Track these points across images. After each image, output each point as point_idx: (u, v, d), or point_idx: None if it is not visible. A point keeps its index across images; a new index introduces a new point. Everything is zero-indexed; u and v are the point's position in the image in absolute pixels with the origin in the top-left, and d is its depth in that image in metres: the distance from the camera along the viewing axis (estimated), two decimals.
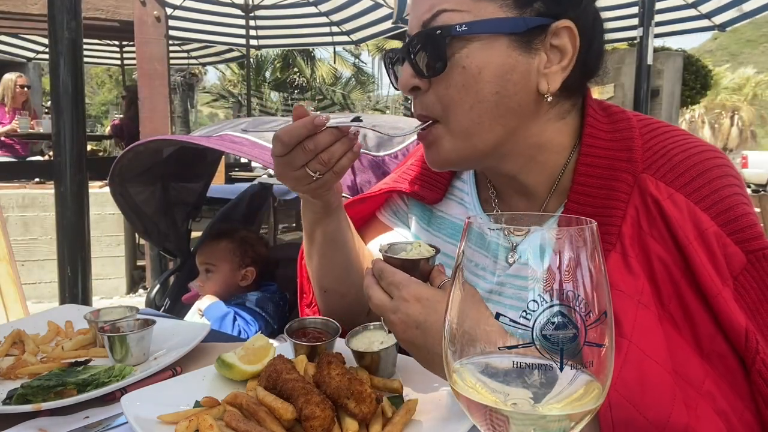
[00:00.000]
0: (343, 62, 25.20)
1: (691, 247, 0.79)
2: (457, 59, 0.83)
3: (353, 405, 0.82)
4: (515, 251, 0.76)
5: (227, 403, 0.86)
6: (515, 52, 0.83)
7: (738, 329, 0.76)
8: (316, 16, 8.30)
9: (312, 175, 0.93)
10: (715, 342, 0.78)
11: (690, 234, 0.79)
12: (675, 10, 6.93)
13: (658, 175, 0.85)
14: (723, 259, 0.79)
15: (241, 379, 0.97)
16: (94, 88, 29.84)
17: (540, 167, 0.94)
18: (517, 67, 0.84)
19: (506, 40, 0.83)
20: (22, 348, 1.19)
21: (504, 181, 1.01)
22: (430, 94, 0.87)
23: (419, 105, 0.88)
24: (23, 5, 5.80)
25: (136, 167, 2.08)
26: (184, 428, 0.77)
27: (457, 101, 0.84)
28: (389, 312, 0.82)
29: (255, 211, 2.70)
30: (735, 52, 55.58)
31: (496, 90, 0.84)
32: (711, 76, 13.71)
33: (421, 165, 1.15)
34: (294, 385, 0.84)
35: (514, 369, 0.49)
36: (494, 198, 1.04)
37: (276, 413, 0.81)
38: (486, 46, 0.83)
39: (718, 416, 0.75)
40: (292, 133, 0.89)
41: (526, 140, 0.91)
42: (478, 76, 0.83)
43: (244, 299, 2.17)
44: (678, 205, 0.82)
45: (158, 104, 5.13)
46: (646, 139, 0.90)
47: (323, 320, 1.10)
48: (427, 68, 0.85)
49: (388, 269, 0.84)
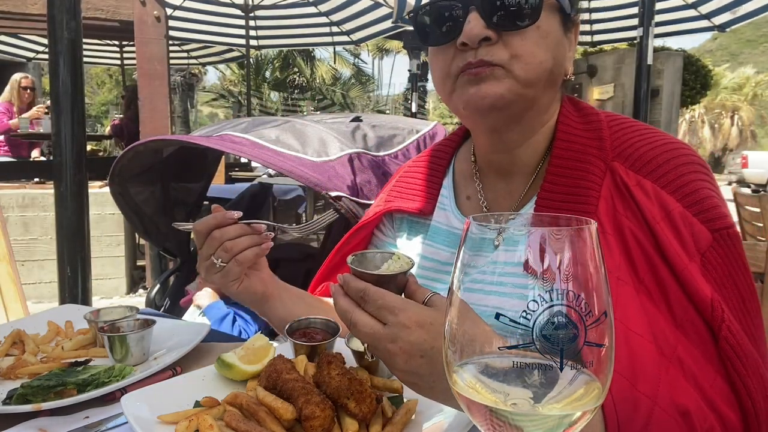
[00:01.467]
0: (342, 62, 25.22)
1: (658, 226, 0.85)
2: (537, 18, 0.90)
3: (353, 405, 0.82)
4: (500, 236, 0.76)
5: (227, 403, 0.86)
6: (561, 30, 0.94)
7: (704, 299, 0.81)
8: (316, 16, 8.30)
9: (215, 262, 1.02)
10: (687, 312, 0.83)
11: (657, 215, 0.86)
12: (675, 11, 6.93)
13: (626, 164, 0.92)
14: (690, 236, 0.85)
15: (241, 379, 0.97)
16: (94, 88, 29.84)
17: (533, 147, 1.01)
18: (562, 42, 0.94)
19: (559, 16, 0.93)
20: (22, 348, 1.19)
21: (493, 160, 1.06)
22: (499, 45, 0.90)
23: (485, 52, 0.90)
24: (23, 5, 5.80)
25: (136, 167, 2.08)
26: (184, 428, 0.77)
27: (530, 54, 0.90)
28: (386, 341, 0.73)
29: (255, 211, 2.70)
30: (735, 52, 55.56)
31: (553, 55, 0.92)
32: (711, 76, 13.71)
33: (409, 182, 1.19)
34: (294, 385, 0.84)
35: (514, 369, 0.49)
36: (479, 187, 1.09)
37: (276, 413, 0.81)
38: (551, 16, 0.92)
39: (686, 381, 0.79)
40: (204, 223, 1.02)
41: (542, 114, 0.99)
42: (547, 38, 0.91)
43: None
44: (645, 189, 0.88)
45: (158, 104, 5.13)
46: (613, 131, 0.97)
47: (323, 320, 1.10)
48: (508, 23, 0.89)
49: (373, 290, 0.75)
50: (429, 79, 21.43)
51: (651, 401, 0.76)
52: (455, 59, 0.92)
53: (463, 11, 0.90)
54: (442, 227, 1.10)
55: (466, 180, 1.13)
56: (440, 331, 0.70)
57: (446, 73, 0.95)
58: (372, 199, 1.68)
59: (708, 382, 0.80)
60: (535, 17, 0.89)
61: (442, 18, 0.93)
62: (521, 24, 0.89)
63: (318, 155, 1.71)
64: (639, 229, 0.86)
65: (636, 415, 0.75)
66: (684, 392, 0.78)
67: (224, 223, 1.02)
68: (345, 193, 1.61)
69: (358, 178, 1.68)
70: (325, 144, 1.75)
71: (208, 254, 1.04)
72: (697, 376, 0.80)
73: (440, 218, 1.12)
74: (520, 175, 1.03)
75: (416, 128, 2.00)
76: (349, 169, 1.69)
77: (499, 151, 1.04)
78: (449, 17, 0.92)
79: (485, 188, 1.08)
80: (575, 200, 0.91)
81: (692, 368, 0.80)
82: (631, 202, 0.88)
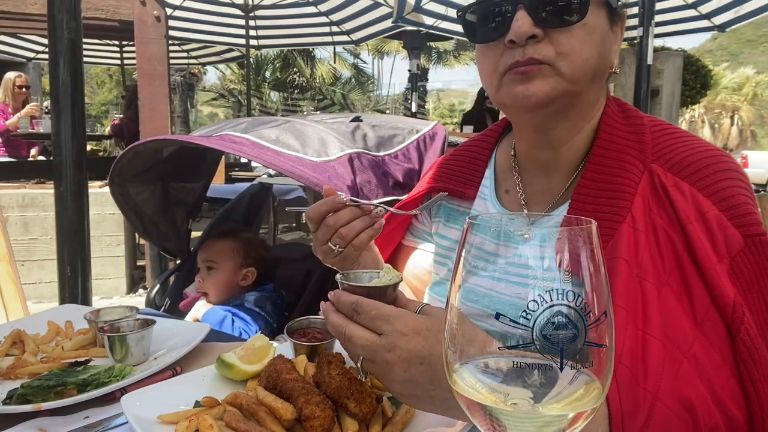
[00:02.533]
0: (342, 62, 25.21)
1: (691, 226, 0.87)
2: (584, 15, 0.91)
3: (353, 405, 0.82)
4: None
5: (227, 403, 0.86)
6: (608, 25, 0.96)
7: (727, 301, 0.83)
8: (316, 15, 8.30)
9: (333, 248, 1.02)
10: (709, 312, 0.84)
11: (691, 215, 0.88)
12: (675, 11, 6.93)
13: (665, 167, 0.94)
14: (722, 239, 0.87)
15: (241, 379, 0.97)
16: (94, 88, 29.82)
17: (576, 146, 1.03)
18: (609, 36, 0.96)
19: (605, 12, 0.95)
20: (22, 348, 1.19)
21: (536, 156, 1.07)
22: (546, 42, 0.91)
23: (532, 50, 0.91)
24: (23, 5, 5.80)
25: (136, 167, 2.08)
26: (184, 428, 0.77)
27: (576, 51, 0.92)
28: (383, 351, 0.71)
29: (255, 211, 2.70)
30: (735, 52, 55.56)
31: (599, 50, 0.94)
32: (711, 76, 13.70)
33: (452, 167, 1.22)
34: (294, 385, 0.84)
35: (514, 369, 0.49)
36: (519, 181, 1.11)
37: (276, 413, 0.81)
38: (597, 11, 0.93)
39: (699, 377, 0.80)
40: (316, 209, 1.02)
41: (588, 109, 1.01)
42: (593, 34, 0.93)
43: (243, 300, 2.17)
44: (682, 191, 0.90)
45: (158, 104, 5.13)
46: (655, 135, 0.99)
47: (323, 320, 1.10)
48: (555, 20, 0.91)
49: (366, 302, 0.74)
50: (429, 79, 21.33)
51: (653, 396, 0.78)
52: (503, 56, 0.94)
53: (511, 9, 0.92)
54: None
55: (505, 174, 1.15)
56: (438, 337, 0.72)
57: (494, 69, 0.96)
58: (372, 199, 1.68)
59: (720, 381, 0.81)
60: (582, 14, 0.90)
61: (491, 15, 0.95)
62: (568, 21, 0.90)
63: (318, 155, 1.71)
64: (671, 228, 0.88)
65: (638, 408, 0.77)
66: (692, 388, 0.79)
67: (336, 208, 1.01)
68: (345, 193, 1.61)
69: (358, 178, 1.68)
70: (325, 144, 1.75)
71: (323, 240, 1.03)
72: (711, 374, 0.81)
73: (480, 207, 1.14)
74: (560, 173, 1.05)
75: (416, 128, 2.00)
76: (349, 169, 1.69)
77: (542, 148, 1.05)
78: (497, 14, 0.93)
79: (524, 183, 1.10)
80: (610, 196, 0.93)
81: (707, 366, 0.81)
82: (666, 202, 0.90)
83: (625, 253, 0.86)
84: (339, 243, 1.02)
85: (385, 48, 25.20)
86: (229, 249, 2.23)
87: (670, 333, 0.82)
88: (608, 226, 0.90)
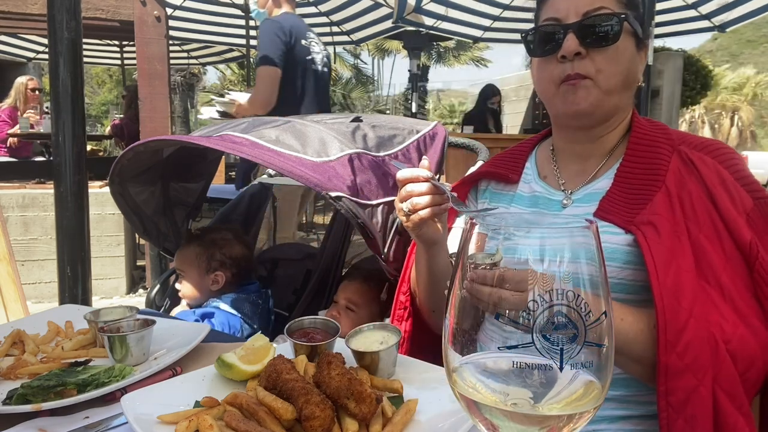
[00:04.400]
0: (343, 62, 25.20)
1: (716, 189, 1.12)
2: (617, 40, 1.18)
3: (353, 405, 0.82)
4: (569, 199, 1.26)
5: (227, 403, 0.86)
6: (635, 47, 1.22)
7: (745, 241, 1.07)
8: (316, 16, 8.31)
9: (404, 210, 1.23)
10: (734, 251, 1.09)
11: (715, 180, 1.13)
12: (675, 11, 6.94)
13: (690, 147, 1.20)
14: (738, 199, 1.12)
15: (241, 379, 0.97)
16: (94, 88, 29.80)
17: (610, 138, 1.28)
18: (635, 58, 1.23)
19: (633, 39, 1.21)
20: (22, 348, 1.19)
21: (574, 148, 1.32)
22: (587, 60, 1.18)
23: (578, 66, 1.18)
24: (23, 5, 5.80)
25: (136, 167, 2.08)
26: (184, 428, 0.77)
27: (612, 68, 1.18)
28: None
29: (255, 211, 2.70)
30: (735, 53, 55.52)
31: (627, 68, 1.21)
32: (711, 77, 13.70)
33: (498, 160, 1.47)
34: (294, 385, 0.84)
35: (514, 369, 0.49)
36: (556, 168, 1.35)
37: (276, 413, 0.81)
38: (627, 39, 1.20)
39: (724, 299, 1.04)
40: (402, 174, 1.25)
41: (621, 113, 1.26)
42: (623, 55, 1.19)
43: (217, 303, 2.12)
44: (706, 162, 1.16)
45: (158, 104, 5.13)
46: (677, 132, 1.26)
47: (323, 320, 1.10)
48: (596, 41, 1.17)
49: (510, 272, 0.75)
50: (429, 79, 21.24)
51: (688, 312, 0.99)
52: (556, 69, 1.20)
53: (563, 32, 1.19)
54: (526, 195, 1.36)
55: (543, 164, 1.39)
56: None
57: (550, 79, 1.22)
58: (372, 200, 1.68)
59: (744, 301, 1.05)
60: (615, 39, 1.17)
61: (548, 37, 1.22)
62: (605, 44, 1.17)
63: (318, 155, 1.70)
64: (701, 191, 1.13)
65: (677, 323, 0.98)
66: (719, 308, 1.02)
67: (416, 179, 1.23)
68: (345, 193, 1.61)
69: (359, 179, 1.68)
70: (325, 144, 1.75)
71: (400, 200, 1.25)
72: (734, 296, 1.04)
73: (524, 189, 1.37)
74: (595, 158, 1.29)
75: (416, 128, 2.00)
76: (349, 170, 1.68)
77: (581, 142, 1.30)
78: (553, 37, 1.21)
79: (561, 169, 1.34)
80: (647, 171, 1.18)
81: (731, 290, 1.04)
82: (694, 171, 1.15)
83: (664, 212, 1.10)
84: (408, 208, 1.23)
85: (386, 45, 25.19)
86: (193, 254, 2.18)
87: (702, 267, 1.05)
88: (644, 194, 1.14)
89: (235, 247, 2.25)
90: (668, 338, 0.98)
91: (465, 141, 2.16)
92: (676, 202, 1.12)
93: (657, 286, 1.01)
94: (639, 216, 1.11)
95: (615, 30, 1.17)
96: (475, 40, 8.57)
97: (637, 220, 1.11)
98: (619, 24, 1.17)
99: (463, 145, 2.14)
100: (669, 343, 0.98)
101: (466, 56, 25.96)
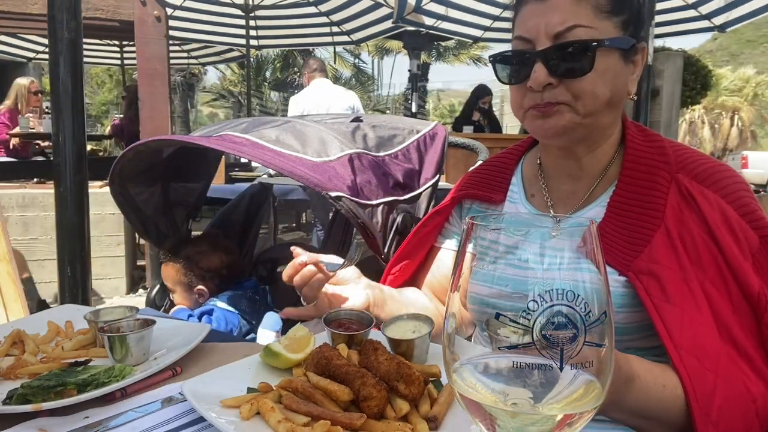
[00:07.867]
0: (343, 62, 25.22)
1: (719, 231, 1.01)
2: (592, 68, 1.04)
3: (403, 387, 0.86)
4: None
5: (281, 388, 0.90)
6: (621, 62, 1.07)
7: (753, 291, 0.97)
8: (316, 16, 8.31)
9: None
10: (742, 302, 0.98)
11: (718, 220, 1.02)
12: (675, 11, 6.94)
13: (690, 176, 1.07)
14: (744, 239, 1.01)
15: (286, 367, 1.01)
16: (94, 88, 29.80)
17: (598, 156, 1.17)
18: (623, 71, 1.08)
19: (618, 52, 1.06)
20: (22, 348, 1.19)
21: (561, 165, 1.20)
22: (561, 88, 1.05)
23: (549, 95, 1.06)
24: (23, 5, 5.80)
25: (136, 167, 2.07)
26: (247, 410, 0.83)
27: (589, 93, 1.05)
28: None
29: (255, 211, 2.70)
30: (735, 53, 55.53)
31: (612, 87, 1.06)
32: (711, 77, 13.70)
33: (481, 176, 1.35)
34: (348, 369, 0.89)
35: (514, 369, 0.49)
36: (544, 186, 1.24)
37: (333, 395, 0.86)
38: (607, 56, 1.05)
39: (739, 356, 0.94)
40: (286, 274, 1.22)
41: (606, 130, 1.14)
42: (605, 75, 1.05)
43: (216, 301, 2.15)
44: (708, 198, 1.04)
45: (158, 104, 5.13)
46: (675, 149, 1.13)
47: (357, 312, 1.15)
48: (567, 72, 1.04)
49: None
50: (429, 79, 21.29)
51: (714, 375, 0.91)
52: (526, 97, 1.09)
53: (530, 61, 1.06)
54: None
55: (531, 181, 1.28)
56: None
57: (519, 105, 1.12)
58: (372, 200, 1.68)
59: (759, 354, 0.96)
60: (590, 65, 1.03)
61: (516, 63, 1.11)
62: (579, 72, 1.04)
63: (318, 155, 1.70)
64: (704, 232, 1.02)
65: (706, 387, 0.90)
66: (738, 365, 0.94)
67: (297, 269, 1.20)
68: (345, 193, 1.61)
69: (359, 179, 1.68)
70: (325, 144, 1.75)
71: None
72: (749, 351, 0.95)
73: (510, 209, 1.27)
74: (585, 179, 1.18)
75: (416, 128, 2.00)
76: (350, 170, 1.68)
77: (567, 158, 1.18)
78: (521, 63, 1.09)
79: (550, 189, 1.23)
80: (644, 206, 1.06)
81: (745, 345, 0.95)
82: (695, 207, 1.04)
83: (665, 261, 1.00)
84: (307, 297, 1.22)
85: (386, 45, 25.20)
86: (173, 273, 2.21)
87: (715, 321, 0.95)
88: (643, 234, 1.03)
89: (212, 258, 2.25)
90: (700, 405, 0.89)
91: (465, 141, 2.16)
92: (678, 245, 1.01)
93: (674, 351, 0.91)
94: (637, 261, 1.00)
95: (589, 57, 1.03)
96: (475, 40, 8.57)
97: (635, 266, 1.00)
98: (593, 51, 1.03)
99: (463, 145, 2.14)
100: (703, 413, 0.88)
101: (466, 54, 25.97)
